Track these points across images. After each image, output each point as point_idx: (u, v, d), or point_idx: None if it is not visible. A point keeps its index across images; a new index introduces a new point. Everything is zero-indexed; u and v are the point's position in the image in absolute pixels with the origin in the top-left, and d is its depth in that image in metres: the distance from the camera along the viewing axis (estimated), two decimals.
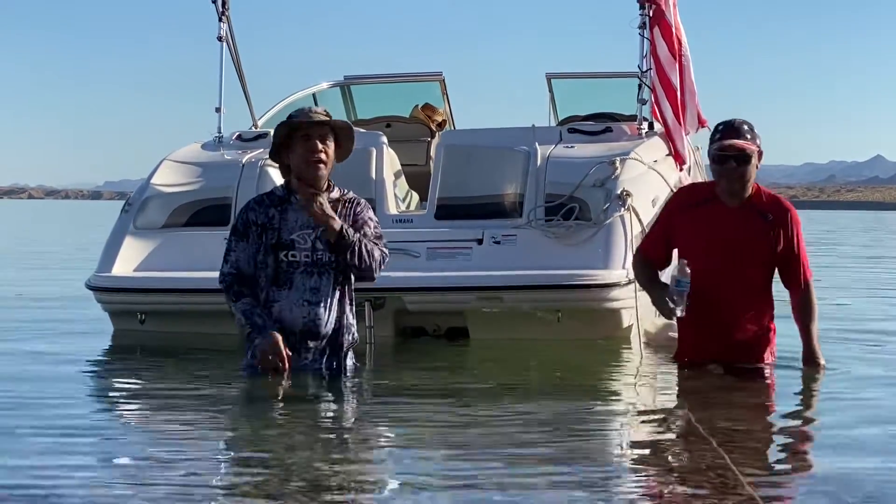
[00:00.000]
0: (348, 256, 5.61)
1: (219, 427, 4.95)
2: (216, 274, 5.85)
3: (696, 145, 10.82)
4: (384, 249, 5.76)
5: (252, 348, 5.69)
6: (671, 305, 5.69)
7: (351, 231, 5.63)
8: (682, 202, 6.05)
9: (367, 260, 5.65)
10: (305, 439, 4.60)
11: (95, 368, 6.64)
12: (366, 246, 5.65)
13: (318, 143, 5.68)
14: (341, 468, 4.11)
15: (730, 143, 5.73)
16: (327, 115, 5.85)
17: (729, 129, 5.79)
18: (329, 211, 5.59)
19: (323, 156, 5.70)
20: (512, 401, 5.53)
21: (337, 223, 5.59)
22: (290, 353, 5.61)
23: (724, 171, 5.77)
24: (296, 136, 5.73)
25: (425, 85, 11.11)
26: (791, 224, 5.83)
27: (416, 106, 10.55)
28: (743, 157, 5.73)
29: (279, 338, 5.60)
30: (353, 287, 5.84)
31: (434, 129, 10.14)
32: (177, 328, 7.47)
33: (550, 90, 11.12)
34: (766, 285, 5.88)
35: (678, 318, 5.76)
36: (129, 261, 7.77)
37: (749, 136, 5.77)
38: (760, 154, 5.80)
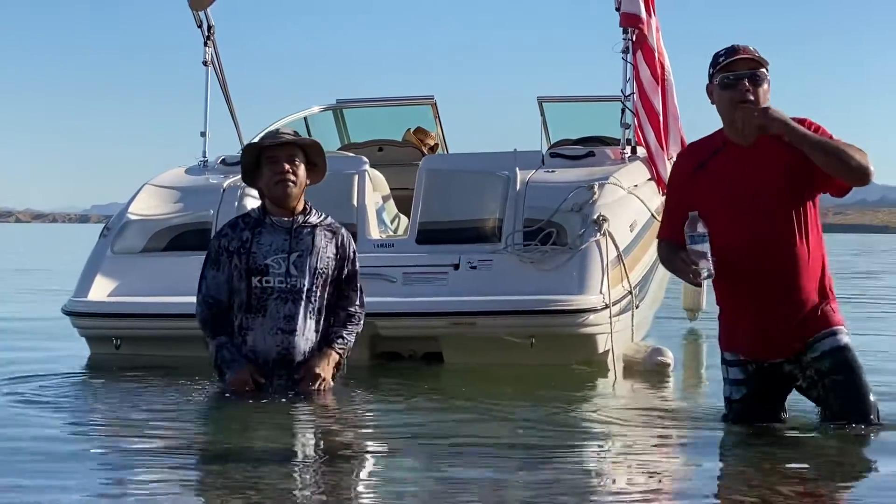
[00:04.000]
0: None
1: (194, 453, 4.90)
2: (193, 299, 5.81)
3: None
4: (360, 307, 5.92)
5: (223, 380, 5.67)
6: (693, 267, 4.68)
7: (337, 350, 5.79)
8: (686, 168, 5.01)
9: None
10: (281, 466, 4.56)
11: (70, 393, 6.56)
12: (349, 344, 5.85)
13: (285, 164, 5.67)
14: (318, 494, 4.09)
15: (739, 58, 4.76)
16: (296, 135, 5.85)
17: (731, 50, 4.82)
18: (320, 383, 5.69)
19: (291, 175, 5.68)
20: (492, 427, 5.47)
21: (329, 376, 5.75)
22: (263, 381, 5.59)
23: (738, 95, 4.73)
24: (263, 158, 5.73)
25: (417, 108, 11.12)
26: (811, 129, 4.75)
27: (409, 129, 10.57)
28: (756, 76, 4.75)
29: (250, 368, 5.59)
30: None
31: (426, 152, 10.14)
32: (152, 353, 7.43)
33: (542, 114, 11.13)
34: (815, 223, 4.86)
35: (705, 280, 4.72)
36: (105, 286, 7.75)
37: (758, 53, 4.81)
38: (769, 82, 4.82)
